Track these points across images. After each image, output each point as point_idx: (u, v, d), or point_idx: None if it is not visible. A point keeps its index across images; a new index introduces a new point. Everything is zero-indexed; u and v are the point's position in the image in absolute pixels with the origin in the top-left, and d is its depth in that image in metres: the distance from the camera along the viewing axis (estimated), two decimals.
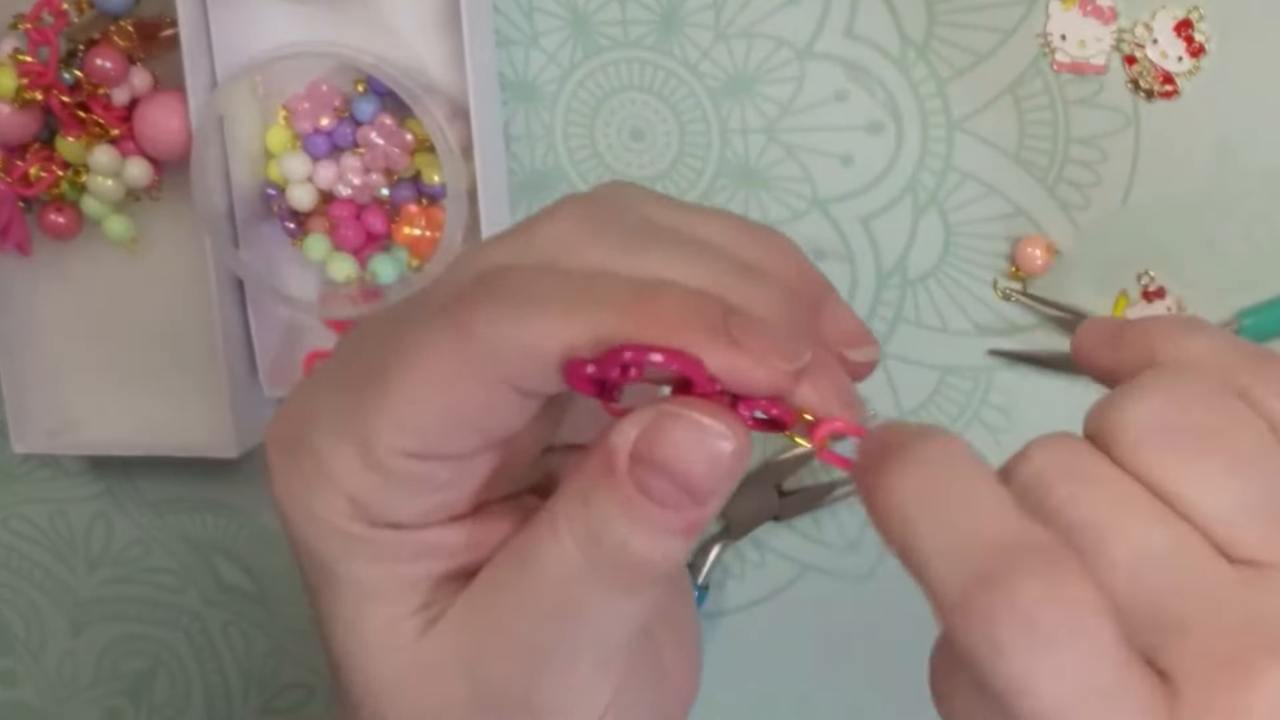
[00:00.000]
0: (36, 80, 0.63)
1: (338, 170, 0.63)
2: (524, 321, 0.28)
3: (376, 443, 0.29)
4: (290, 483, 0.31)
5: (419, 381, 0.29)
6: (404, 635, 0.31)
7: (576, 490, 0.29)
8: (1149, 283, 0.59)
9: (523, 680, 0.31)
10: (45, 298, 0.70)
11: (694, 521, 0.29)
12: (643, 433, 0.28)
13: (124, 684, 0.78)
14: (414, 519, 0.31)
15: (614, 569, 0.29)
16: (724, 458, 0.28)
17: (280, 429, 0.32)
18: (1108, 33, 0.58)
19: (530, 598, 0.30)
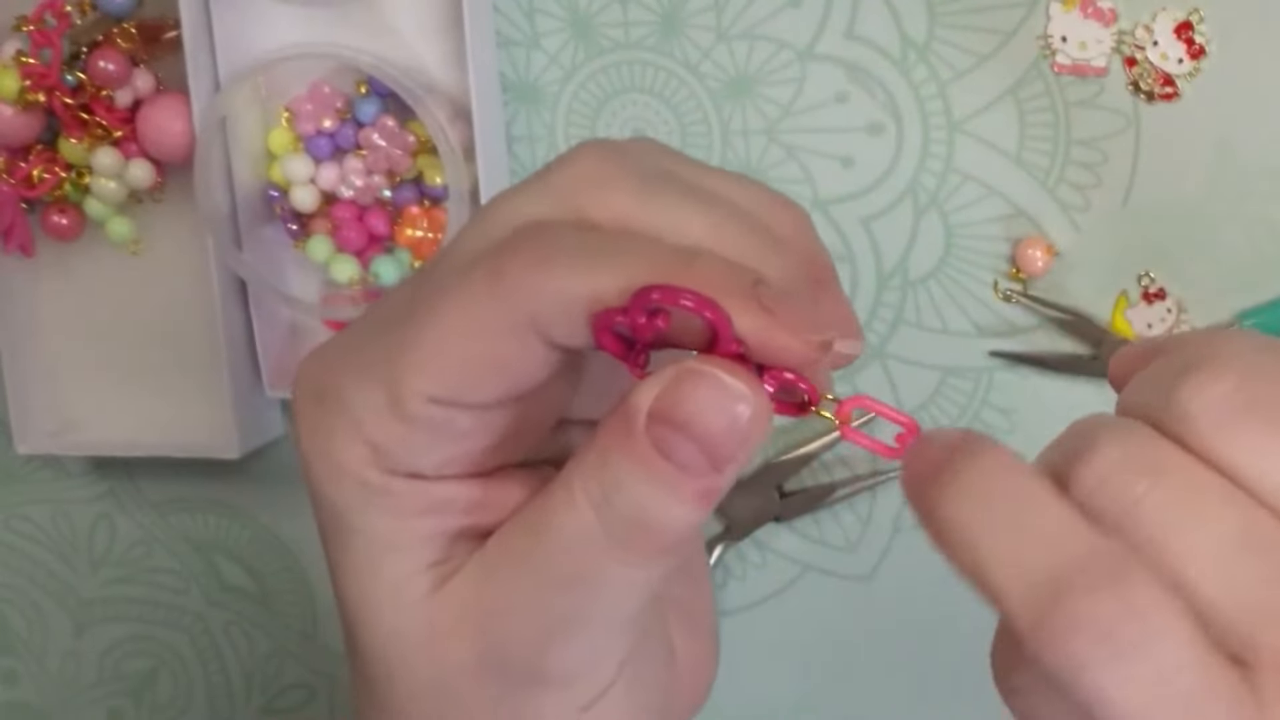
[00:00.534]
0: (39, 82, 0.63)
1: (340, 172, 0.63)
2: (556, 269, 0.28)
3: (403, 386, 0.29)
4: (314, 428, 0.31)
5: (449, 325, 0.29)
6: (415, 590, 0.31)
7: (594, 451, 0.29)
8: (1149, 284, 0.60)
9: (531, 645, 0.31)
10: (48, 299, 0.70)
11: (710, 488, 0.28)
12: (663, 390, 0.28)
13: (126, 684, 0.78)
14: (433, 469, 0.31)
15: (628, 533, 0.29)
16: (744, 420, 0.28)
17: (309, 376, 0.32)
18: (1108, 35, 0.58)
19: (542, 561, 0.30)
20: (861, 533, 0.65)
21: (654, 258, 0.28)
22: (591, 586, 0.30)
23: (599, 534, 0.29)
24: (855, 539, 0.66)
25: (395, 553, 0.31)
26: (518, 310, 0.29)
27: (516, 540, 0.31)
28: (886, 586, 0.66)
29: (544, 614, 0.30)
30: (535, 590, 0.30)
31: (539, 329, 0.29)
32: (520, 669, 0.31)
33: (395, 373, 0.30)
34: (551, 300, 0.28)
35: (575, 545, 0.29)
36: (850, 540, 0.66)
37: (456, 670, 0.31)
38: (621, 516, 0.29)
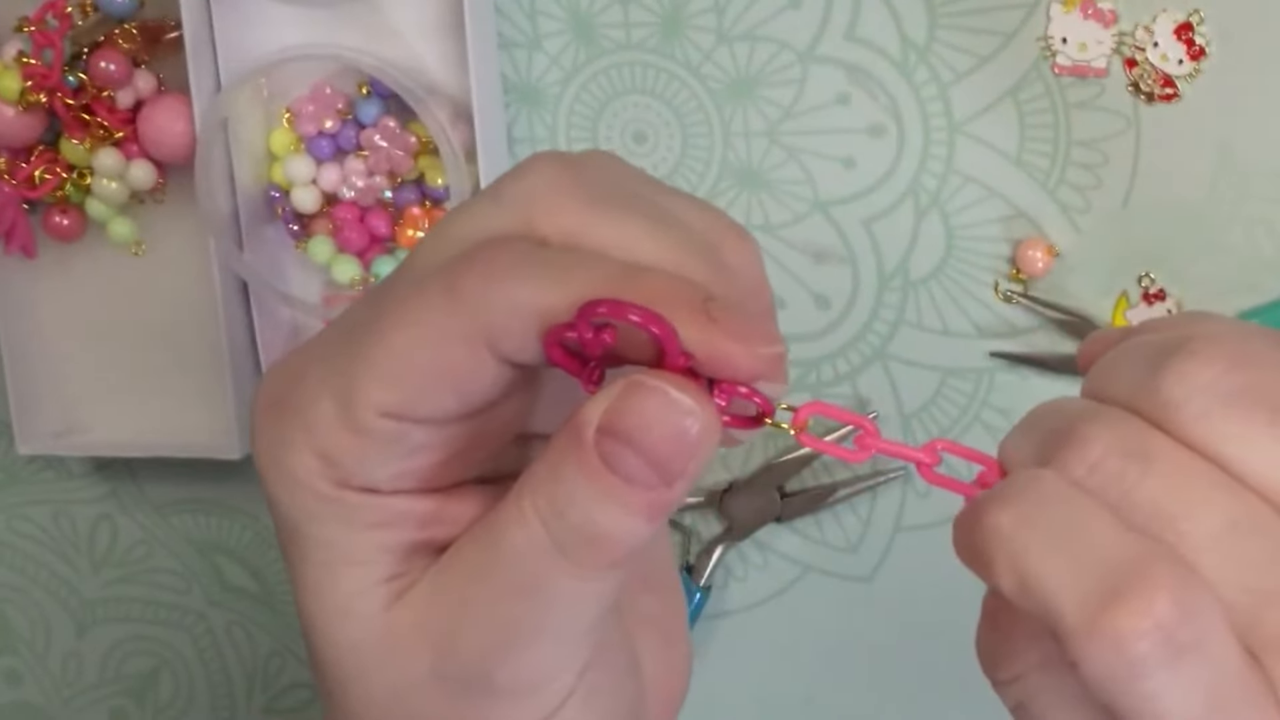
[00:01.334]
0: (41, 83, 0.63)
1: (341, 173, 0.64)
2: (507, 282, 0.28)
3: (354, 397, 0.29)
4: (269, 438, 0.31)
5: (403, 337, 0.29)
6: (370, 603, 0.31)
7: (544, 465, 0.29)
8: (1150, 285, 0.60)
9: (486, 658, 0.30)
10: (50, 300, 0.70)
11: (660, 501, 0.28)
12: (611, 404, 0.28)
13: (128, 684, 0.78)
14: (386, 483, 0.31)
15: (578, 546, 0.29)
16: (691, 434, 0.28)
17: (268, 389, 0.32)
18: (1108, 36, 0.58)
19: (495, 574, 0.30)
20: (862, 533, 0.65)
21: (603, 273, 0.28)
22: (543, 599, 0.30)
23: (549, 547, 0.29)
24: (856, 539, 0.66)
25: (350, 565, 0.31)
26: (470, 323, 0.29)
27: (469, 554, 0.31)
28: (886, 587, 0.66)
29: (497, 626, 0.30)
30: (488, 603, 0.30)
31: (491, 343, 0.29)
32: (474, 681, 0.31)
33: (347, 384, 0.29)
34: (502, 313, 0.28)
35: (526, 558, 0.29)
36: (851, 541, 0.66)
37: (411, 683, 0.31)
38: (571, 530, 0.29)
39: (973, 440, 0.62)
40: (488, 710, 0.31)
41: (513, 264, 0.29)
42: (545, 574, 0.29)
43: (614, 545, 0.29)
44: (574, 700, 0.32)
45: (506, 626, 0.30)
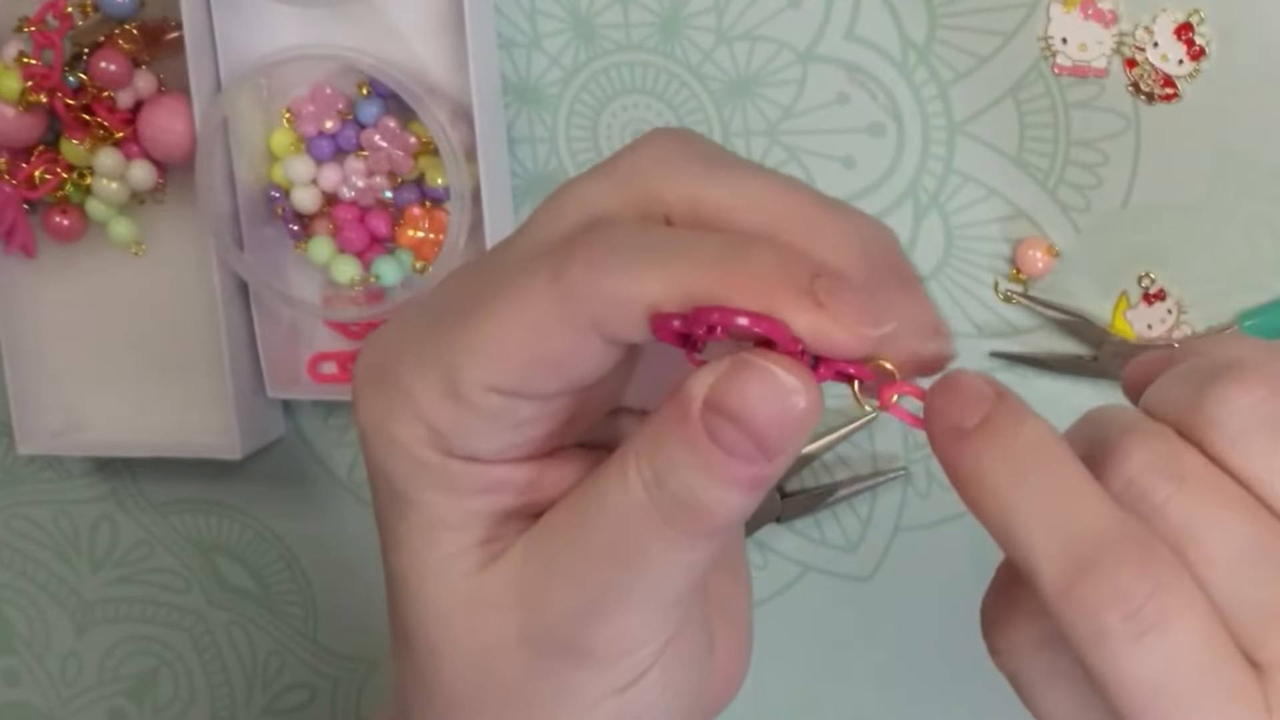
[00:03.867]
0: (41, 83, 0.63)
1: (341, 173, 0.64)
2: (617, 273, 0.29)
3: (462, 375, 0.30)
4: (373, 406, 0.32)
5: (510, 320, 0.30)
6: (465, 566, 0.32)
7: (648, 434, 0.30)
8: (1149, 284, 0.60)
9: (575, 622, 0.31)
10: (50, 300, 0.70)
11: (759, 476, 0.29)
12: (717, 380, 0.29)
13: (127, 684, 0.78)
14: (490, 454, 0.31)
15: (676, 514, 0.30)
16: (794, 412, 0.28)
17: (370, 359, 0.33)
18: (1109, 36, 0.58)
19: (591, 538, 0.31)
20: (862, 533, 0.66)
21: (708, 255, 0.29)
22: (637, 565, 0.30)
23: (649, 513, 0.30)
24: (855, 539, 0.66)
25: (448, 529, 0.32)
26: (577, 311, 0.29)
27: (566, 518, 0.31)
28: (886, 587, 0.66)
29: (588, 590, 0.31)
30: (581, 567, 0.31)
31: (598, 328, 0.29)
32: (561, 645, 0.31)
33: (453, 361, 0.30)
34: (610, 303, 0.29)
35: (624, 522, 0.30)
36: (850, 541, 0.66)
37: (498, 646, 0.32)
38: (671, 499, 0.29)
39: None
40: (571, 676, 0.32)
41: (618, 251, 0.29)
42: (642, 540, 0.30)
43: (712, 516, 0.29)
44: (654, 671, 0.32)
45: (598, 591, 0.31)
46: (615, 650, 0.32)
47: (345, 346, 0.68)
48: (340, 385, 0.67)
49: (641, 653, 0.32)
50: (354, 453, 0.71)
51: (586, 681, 0.32)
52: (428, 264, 0.64)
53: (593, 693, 0.32)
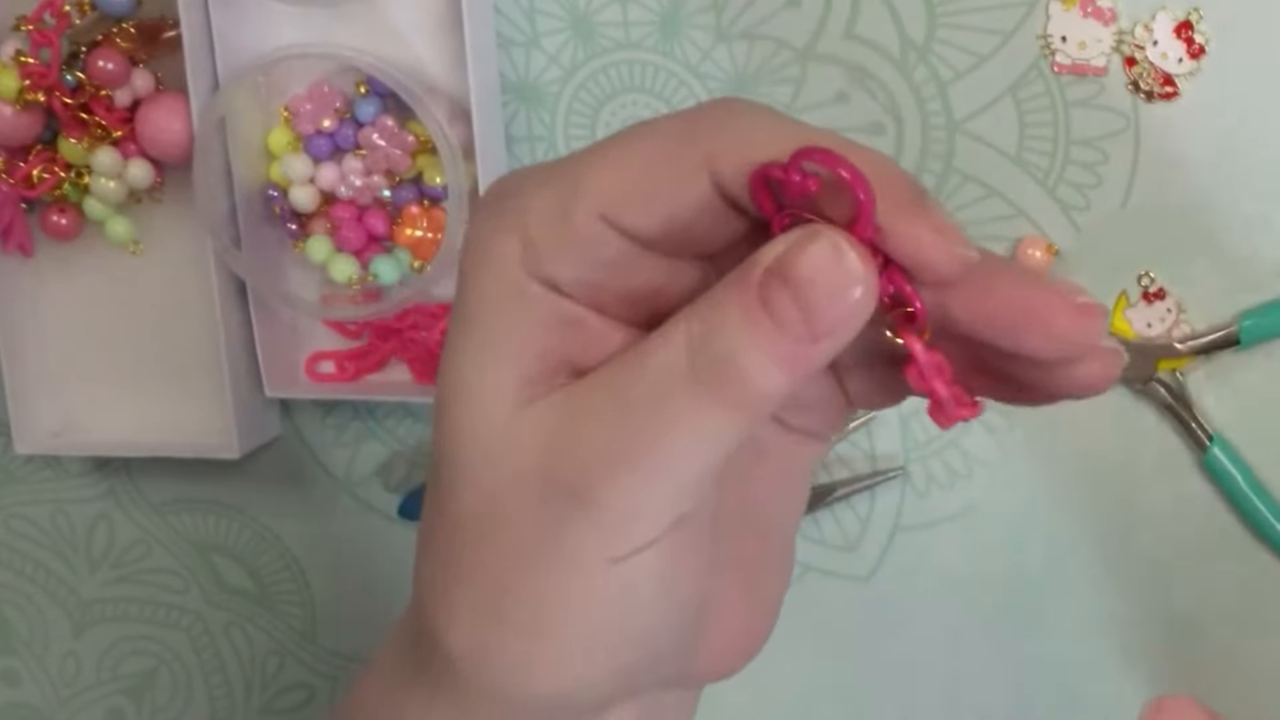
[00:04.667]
0: (39, 82, 0.63)
1: (339, 172, 0.63)
2: (743, 119, 0.31)
3: (578, 194, 0.31)
4: (484, 219, 0.33)
5: (635, 148, 0.31)
6: (506, 399, 0.32)
7: (705, 296, 0.31)
8: (1149, 284, 0.60)
9: (590, 469, 0.31)
10: (47, 299, 0.70)
11: (800, 356, 0.29)
12: (785, 248, 0.29)
13: (126, 684, 0.78)
14: (574, 286, 0.32)
15: (713, 375, 0.30)
16: (849, 296, 0.29)
17: (496, 186, 0.34)
18: (1108, 34, 0.58)
19: (626, 387, 0.31)
20: (861, 533, 0.65)
21: (829, 138, 0.30)
22: (662, 423, 0.31)
23: (686, 371, 0.30)
24: (855, 539, 0.66)
25: (502, 357, 0.32)
26: (699, 145, 0.31)
27: (610, 369, 0.32)
28: (886, 586, 0.66)
29: (611, 440, 0.31)
30: (609, 414, 0.31)
31: (711, 165, 0.30)
32: (572, 492, 0.31)
33: (574, 182, 0.32)
34: (732, 140, 0.30)
35: (661, 376, 0.31)
36: (850, 540, 0.66)
37: (513, 482, 0.32)
38: (712, 357, 0.30)
39: (973, 442, 0.62)
40: (572, 525, 0.32)
41: (751, 106, 0.31)
42: (673, 397, 0.30)
43: (747, 385, 0.30)
44: (652, 554, 0.32)
45: (620, 442, 0.31)
46: (622, 511, 0.31)
47: (343, 345, 0.68)
48: (338, 385, 0.67)
49: (645, 524, 0.32)
50: (352, 452, 0.71)
51: (586, 537, 0.32)
52: (426, 263, 0.64)
53: (590, 553, 0.32)
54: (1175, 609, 0.63)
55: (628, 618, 0.33)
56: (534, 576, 0.32)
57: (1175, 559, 0.62)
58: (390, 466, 0.71)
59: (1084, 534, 0.63)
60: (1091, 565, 0.63)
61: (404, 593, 0.77)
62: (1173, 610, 0.63)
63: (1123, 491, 0.62)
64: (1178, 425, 0.60)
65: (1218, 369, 0.60)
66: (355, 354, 0.67)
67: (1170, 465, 0.61)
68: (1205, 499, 0.61)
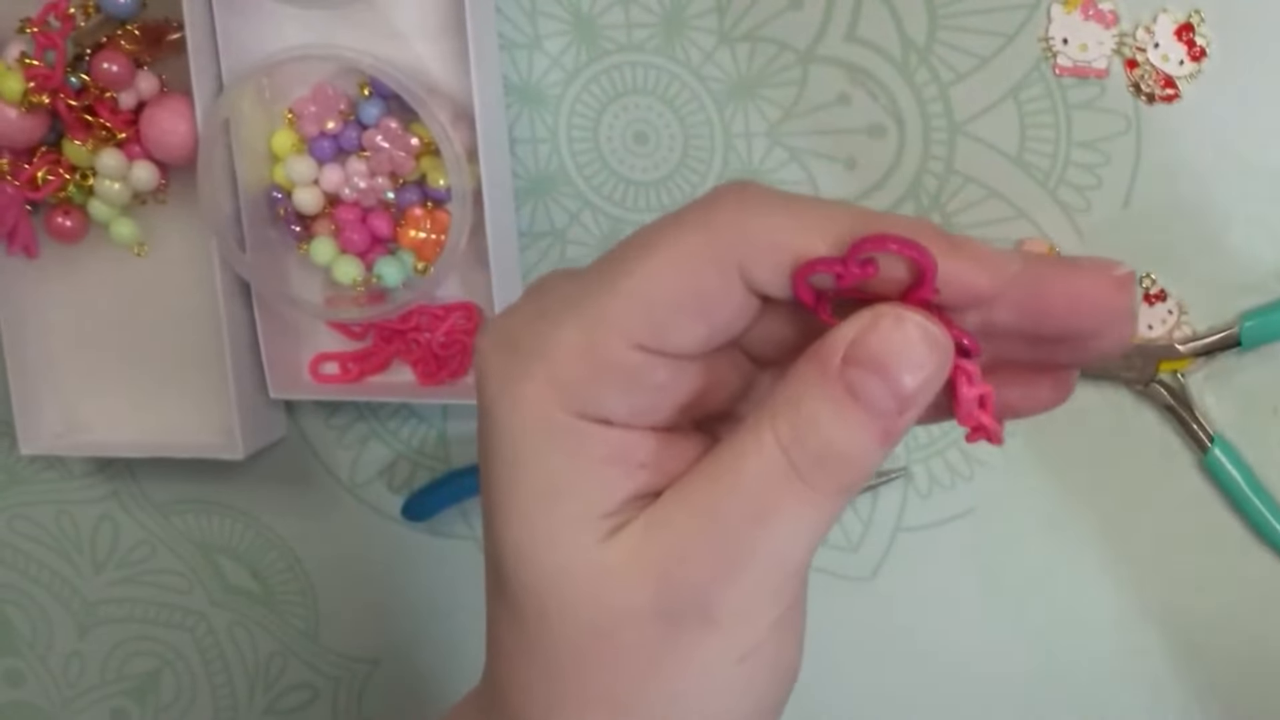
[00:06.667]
0: (43, 84, 0.63)
1: (343, 173, 0.64)
2: (764, 218, 0.31)
3: (606, 328, 0.31)
4: (503, 372, 0.32)
5: (659, 261, 0.31)
6: (585, 535, 0.32)
7: (784, 395, 0.31)
8: (1150, 285, 0.60)
9: (708, 588, 0.32)
10: (52, 300, 0.70)
11: (892, 429, 0.30)
12: (859, 332, 0.30)
13: (130, 684, 0.78)
14: (622, 416, 0.32)
15: (816, 470, 0.31)
16: (931, 362, 0.30)
17: (499, 329, 0.33)
18: (1109, 36, 0.58)
19: (726, 502, 0.31)
20: (862, 533, 0.66)
21: (849, 213, 0.31)
22: (770, 526, 0.31)
23: (785, 473, 0.31)
24: (856, 539, 0.66)
25: (569, 496, 0.32)
26: (726, 250, 0.31)
27: (695, 486, 0.32)
28: (887, 586, 0.66)
29: (723, 555, 0.31)
30: (715, 532, 0.31)
31: (743, 269, 0.31)
32: (691, 612, 0.32)
33: (598, 314, 0.31)
34: (761, 245, 0.30)
35: (760, 484, 0.31)
36: (851, 540, 0.66)
37: (625, 615, 0.32)
38: (811, 454, 0.30)
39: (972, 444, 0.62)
40: (696, 642, 0.32)
41: (764, 201, 0.31)
42: (778, 500, 0.31)
43: (850, 469, 0.31)
44: (769, 643, 0.33)
45: (732, 555, 0.31)
46: (741, 615, 0.32)
47: (347, 347, 0.68)
48: (342, 386, 0.67)
49: (764, 619, 0.32)
50: (355, 453, 0.71)
51: (710, 648, 0.32)
52: (429, 264, 0.64)
53: (715, 660, 0.32)
54: (1176, 609, 0.63)
55: (748, 701, 0.34)
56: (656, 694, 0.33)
57: (1176, 559, 0.62)
58: (394, 468, 0.71)
59: (1085, 535, 0.63)
60: (1093, 566, 0.63)
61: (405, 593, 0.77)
62: (1173, 610, 0.63)
63: (1124, 492, 0.62)
64: (1178, 426, 0.60)
65: (1218, 370, 0.60)
66: (359, 355, 0.67)
67: (1171, 466, 0.61)
68: (1206, 500, 0.61)
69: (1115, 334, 0.31)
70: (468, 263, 0.64)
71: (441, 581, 0.72)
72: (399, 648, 0.73)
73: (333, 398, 0.67)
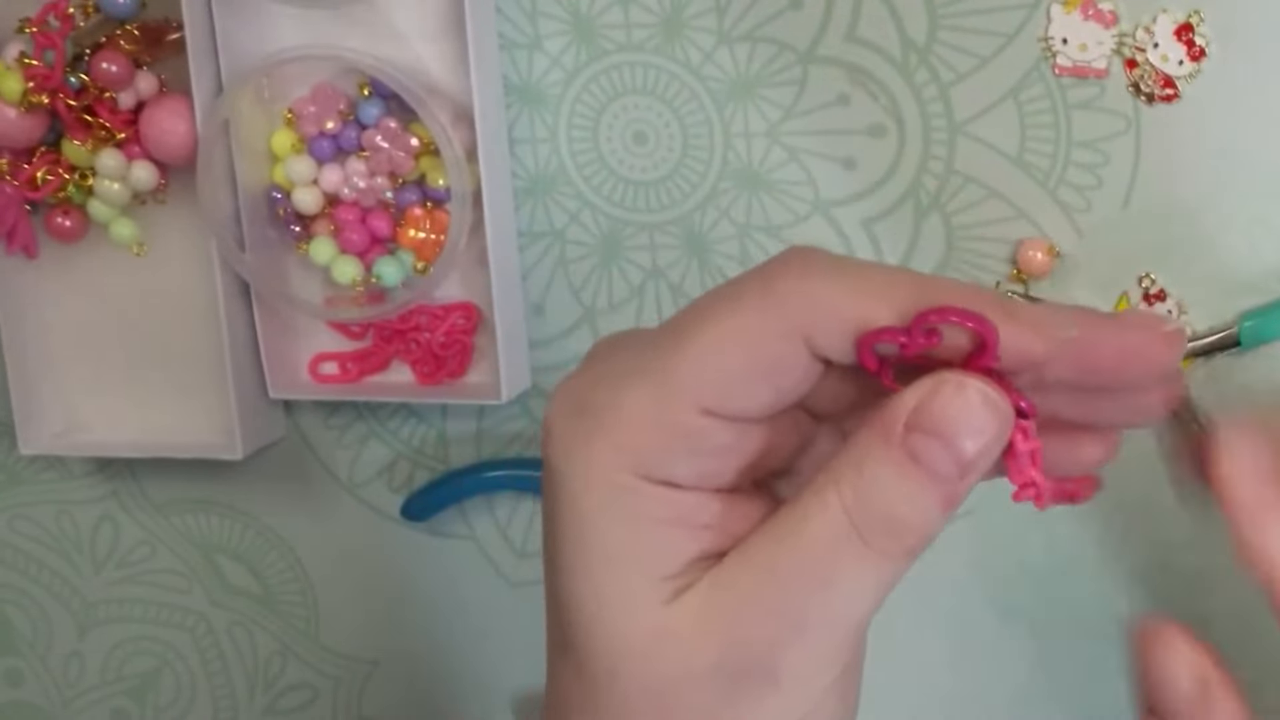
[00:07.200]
0: (43, 84, 0.63)
1: (343, 173, 0.64)
2: (827, 288, 0.32)
3: (675, 395, 0.32)
4: (573, 437, 0.33)
5: (723, 332, 0.32)
6: (651, 599, 0.33)
7: (848, 459, 0.32)
8: (1150, 285, 0.60)
9: (772, 650, 0.32)
10: (52, 300, 0.70)
11: (954, 494, 0.31)
12: (922, 399, 0.31)
13: (129, 684, 0.78)
14: (687, 479, 0.33)
15: (878, 534, 0.31)
16: (992, 428, 0.31)
17: (567, 397, 0.34)
18: (1109, 36, 0.58)
19: (790, 564, 0.32)
20: None
21: (908, 281, 0.32)
22: (833, 588, 0.32)
23: (850, 536, 0.32)
24: None
25: (633, 560, 0.33)
26: (789, 319, 0.32)
27: (759, 548, 0.33)
28: None
29: (783, 616, 0.32)
30: (780, 594, 0.32)
31: (809, 339, 0.32)
32: (751, 673, 0.33)
33: (666, 379, 0.32)
34: (826, 314, 0.31)
35: (825, 547, 0.32)
36: None
37: (689, 675, 0.33)
38: (875, 518, 0.31)
39: None
40: (758, 703, 0.33)
41: (828, 269, 0.32)
42: (841, 562, 0.32)
43: (913, 533, 0.32)
44: (830, 700, 0.34)
45: (797, 617, 0.32)
46: (802, 676, 0.33)
47: (347, 347, 0.68)
48: (341, 386, 0.67)
49: (824, 679, 0.33)
50: (355, 453, 0.71)
51: (771, 709, 0.33)
52: (429, 264, 0.64)
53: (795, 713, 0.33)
54: (1177, 609, 0.63)
55: None
56: None
57: (1176, 559, 0.62)
58: (394, 468, 0.71)
59: (1086, 535, 0.63)
60: (1093, 566, 0.63)
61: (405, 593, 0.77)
62: (1174, 610, 0.63)
63: (1123, 492, 0.62)
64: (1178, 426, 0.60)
65: (1218, 370, 0.60)
66: (358, 355, 0.67)
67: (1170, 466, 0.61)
68: None
69: (1163, 389, 0.33)
70: (467, 263, 0.64)
71: (441, 581, 0.72)
72: (399, 648, 0.73)
73: (332, 397, 0.67)
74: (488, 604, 0.71)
